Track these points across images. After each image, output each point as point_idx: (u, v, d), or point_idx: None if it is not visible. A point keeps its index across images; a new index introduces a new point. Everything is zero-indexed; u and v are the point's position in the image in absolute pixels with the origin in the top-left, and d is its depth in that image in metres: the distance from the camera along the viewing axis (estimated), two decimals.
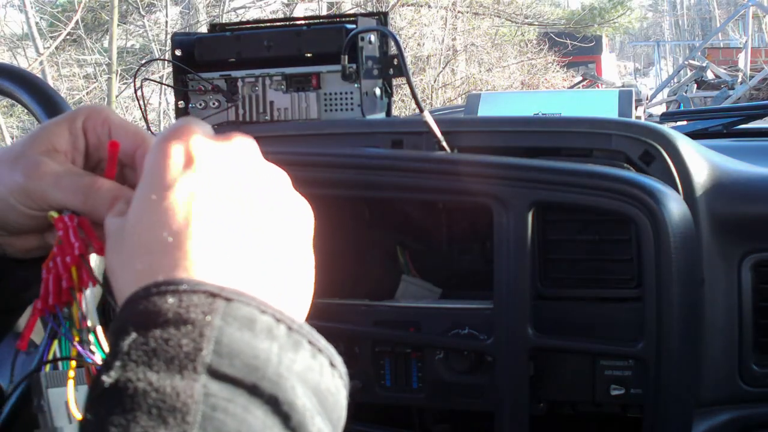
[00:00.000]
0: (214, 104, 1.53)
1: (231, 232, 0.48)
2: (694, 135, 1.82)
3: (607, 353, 1.21)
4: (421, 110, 1.30)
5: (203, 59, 1.52)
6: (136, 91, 1.50)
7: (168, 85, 1.80)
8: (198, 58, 1.52)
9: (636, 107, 1.86)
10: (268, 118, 1.52)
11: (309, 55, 1.49)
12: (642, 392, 1.20)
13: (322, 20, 1.60)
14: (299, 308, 0.50)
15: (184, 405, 0.39)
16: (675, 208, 1.15)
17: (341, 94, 1.49)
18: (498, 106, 2.01)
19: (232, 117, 1.54)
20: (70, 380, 0.54)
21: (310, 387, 0.43)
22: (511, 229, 1.19)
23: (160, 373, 0.40)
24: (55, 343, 0.55)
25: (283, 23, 1.64)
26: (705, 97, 10.83)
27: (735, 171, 1.31)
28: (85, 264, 0.56)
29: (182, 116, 1.53)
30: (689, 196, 1.23)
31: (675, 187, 1.23)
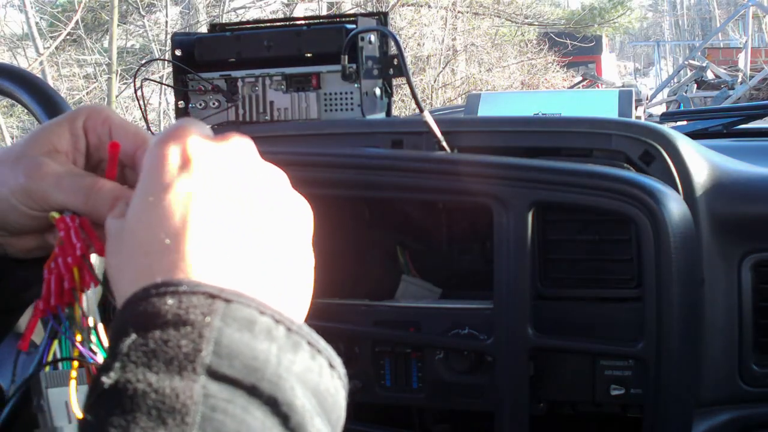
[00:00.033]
0: (214, 104, 1.53)
1: (229, 233, 0.48)
2: (694, 135, 1.82)
3: (607, 353, 1.21)
4: (421, 110, 1.31)
5: (203, 59, 1.52)
6: (136, 91, 1.50)
7: (168, 85, 1.80)
8: (198, 58, 1.52)
9: (636, 107, 1.86)
10: (268, 118, 1.52)
11: (309, 55, 1.49)
12: (642, 392, 1.20)
13: (322, 20, 1.60)
14: (299, 308, 0.50)
15: (184, 406, 0.39)
16: (675, 208, 1.15)
17: (341, 94, 1.49)
18: (498, 106, 2.01)
19: (232, 117, 1.53)
20: (72, 380, 0.54)
21: (310, 388, 0.43)
22: (511, 229, 1.19)
23: (160, 374, 0.40)
24: (55, 343, 0.55)
25: (283, 23, 1.64)
26: (705, 97, 10.83)
27: (735, 171, 1.31)
28: (87, 264, 0.56)
29: (182, 116, 1.53)
30: (689, 196, 1.23)
31: (675, 187, 1.23)
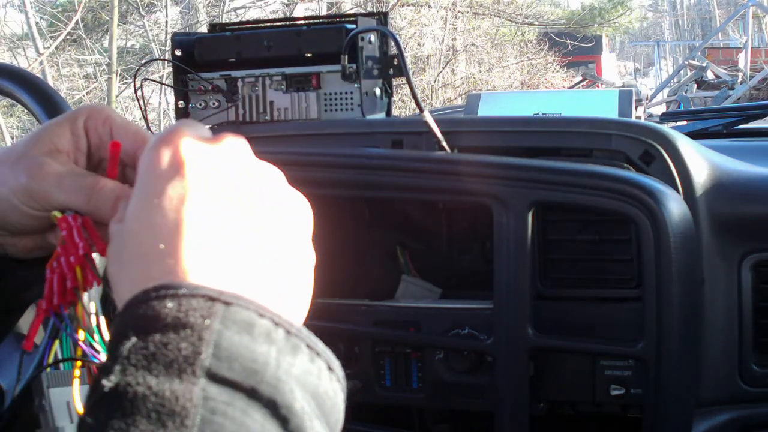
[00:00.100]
0: (214, 104, 1.53)
1: (226, 234, 0.48)
2: (694, 135, 1.82)
3: (607, 353, 1.21)
4: (421, 110, 1.31)
5: (203, 59, 1.52)
6: (136, 91, 1.50)
7: (168, 85, 1.80)
8: (198, 58, 1.52)
9: (636, 107, 1.86)
10: (268, 118, 1.52)
11: (309, 55, 1.49)
12: (642, 392, 1.20)
13: (322, 20, 1.60)
14: (299, 308, 0.50)
15: (183, 409, 0.39)
16: (675, 208, 1.16)
17: (341, 94, 1.49)
18: (498, 106, 2.01)
19: (232, 117, 1.53)
20: (75, 379, 0.54)
21: (309, 390, 0.43)
22: (511, 229, 1.19)
23: (160, 377, 0.40)
24: (56, 343, 0.55)
25: (283, 23, 1.64)
26: (705, 97, 10.83)
27: (735, 171, 1.31)
28: (90, 263, 0.56)
29: (182, 116, 1.53)
30: (689, 196, 1.23)
31: (675, 187, 1.23)
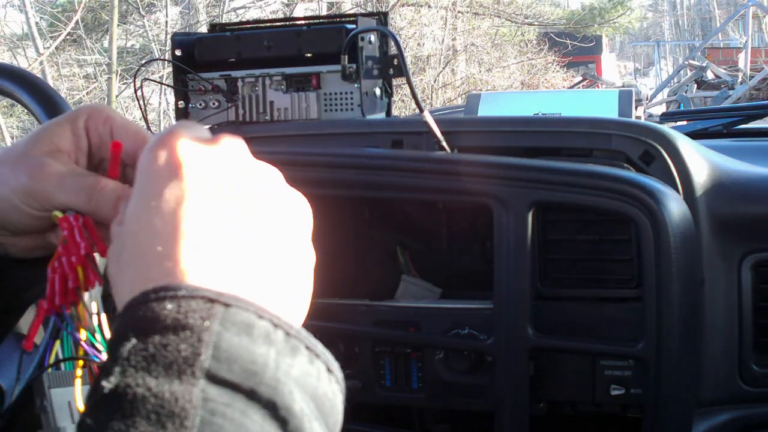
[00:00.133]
0: (214, 104, 1.53)
1: (225, 234, 0.48)
2: (694, 135, 1.82)
3: (607, 353, 1.21)
4: (421, 110, 1.31)
5: (203, 59, 1.52)
6: (136, 91, 1.50)
7: (168, 85, 1.80)
8: (198, 58, 1.52)
9: (636, 107, 1.86)
10: (268, 118, 1.52)
11: (309, 55, 1.49)
12: (642, 392, 1.20)
13: (322, 20, 1.60)
14: (299, 307, 0.50)
15: (183, 410, 0.39)
16: (675, 208, 1.16)
17: (341, 94, 1.49)
18: (498, 106, 2.01)
19: (232, 117, 1.53)
20: (77, 380, 0.54)
21: (308, 392, 0.43)
22: (511, 229, 1.19)
23: (159, 379, 0.40)
24: (57, 344, 0.55)
25: (283, 23, 1.64)
26: (705, 97, 10.83)
27: (735, 171, 1.31)
28: (91, 263, 0.56)
29: (182, 116, 1.53)
30: (689, 196, 1.23)
31: (675, 187, 1.23)
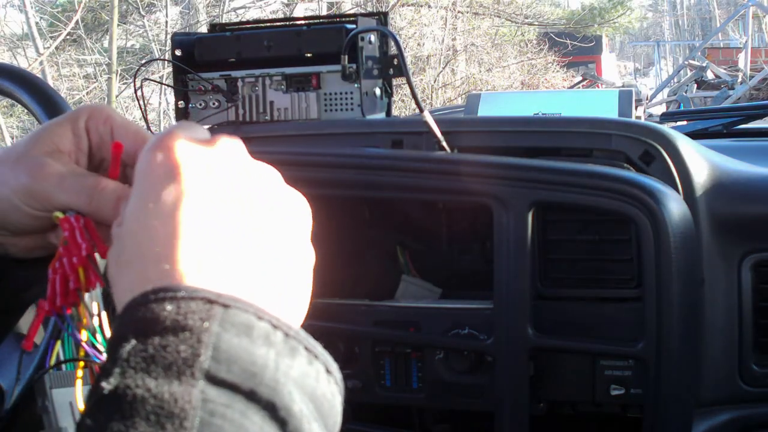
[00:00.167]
0: (214, 104, 1.53)
1: (224, 235, 0.48)
2: (694, 135, 1.82)
3: (607, 353, 1.21)
4: (421, 110, 1.31)
5: (203, 59, 1.52)
6: (136, 91, 1.50)
7: (168, 85, 1.80)
8: (198, 58, 1.52)
9: (636, 107, 1.86)
10: (268, 118, 1.52)
11: (309, 55, 1.49)
12: (642, 392, 1.20)
13: (322, 20, 1.60)
14: (299, 307, 0.50)
15: (182, 411, 0.39)
16: (675, 208, 1.16)
17: (341, 94, 1.49)
18: (498, 106, 2.01)
19: (232, 117, 1.53)
20: (78, 380, 0.54)
21: (307, 393, 0.43)
22: (511, 229, 1.19)
23: (159, 380, 0.40)
24: (58, 344, 0.55)
25: (283, 23, 1.64)
26: (705, 97, 10.83)
27: (735, 171, 1.31)
28: (92, 264, 0.56)
29: (182, 116, 1.53)
30: (689, 196, 1.23)
31: (675, 187, 1.23)
